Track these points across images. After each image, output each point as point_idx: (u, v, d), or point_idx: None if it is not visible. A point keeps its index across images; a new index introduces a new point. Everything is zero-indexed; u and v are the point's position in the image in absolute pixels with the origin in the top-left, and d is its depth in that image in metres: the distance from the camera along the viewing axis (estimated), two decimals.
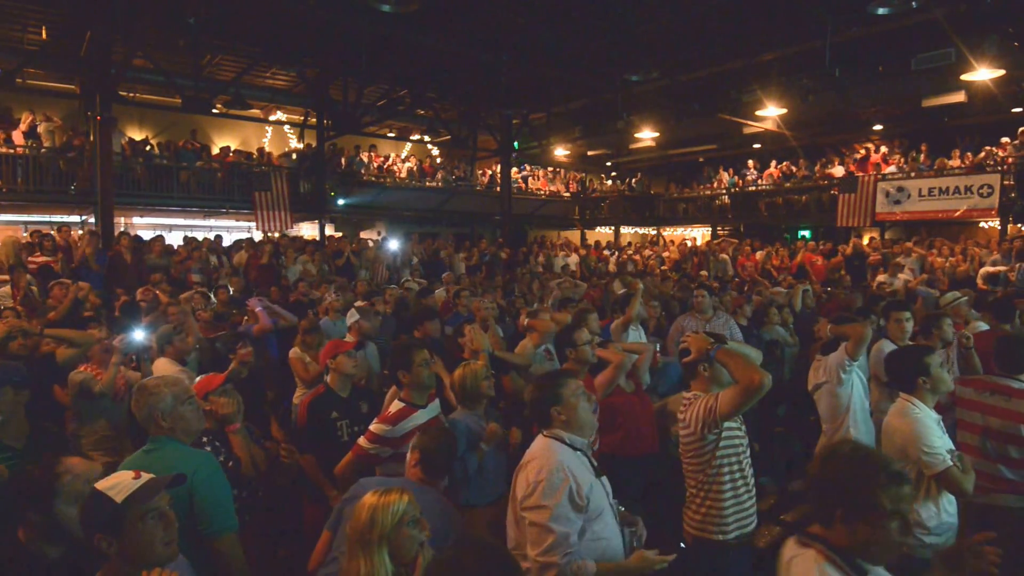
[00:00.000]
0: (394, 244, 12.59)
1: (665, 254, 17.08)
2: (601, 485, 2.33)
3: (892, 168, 15.35)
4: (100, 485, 1.81)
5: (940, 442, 2.78)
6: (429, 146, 19.84)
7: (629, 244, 20.20)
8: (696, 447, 2.79)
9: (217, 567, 2.34)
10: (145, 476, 1.85)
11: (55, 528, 2.00)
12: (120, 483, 1.80)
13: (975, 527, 3.17)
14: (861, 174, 15.36)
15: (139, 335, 4.43)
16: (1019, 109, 14.06)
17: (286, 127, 17.27)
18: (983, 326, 5.20)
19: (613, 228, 21.51)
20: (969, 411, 3.34)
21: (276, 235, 13.60)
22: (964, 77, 10.70)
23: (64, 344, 4.48)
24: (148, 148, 13.83)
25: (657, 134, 15.42)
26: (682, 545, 2.43)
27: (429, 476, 2.60)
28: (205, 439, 2.93)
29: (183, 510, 2.24)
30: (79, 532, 1.94)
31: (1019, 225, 13.75)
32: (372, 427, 3.12)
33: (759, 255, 15.01)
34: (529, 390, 2.48)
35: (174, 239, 12.23)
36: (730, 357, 2.75)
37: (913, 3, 8.30)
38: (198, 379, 3.24)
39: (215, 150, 15.50)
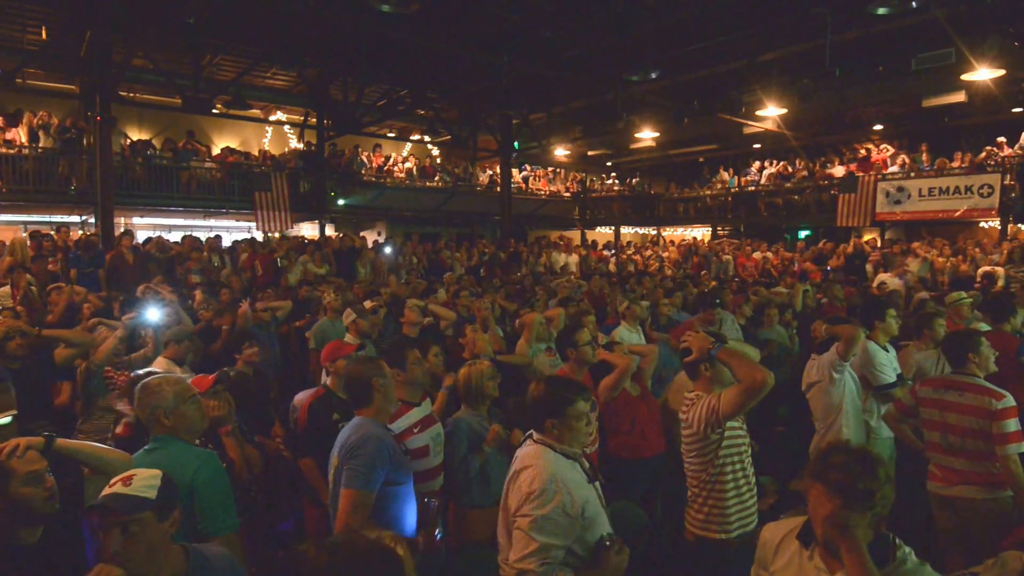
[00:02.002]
0: (388, 249, 12.58)
1: (665, 254, 17.09)
2: (595, 490, 2.31)
3: (895, 168, 15.35)
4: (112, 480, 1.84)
5: None
6: (429, 146, 19.84)
7: (629, 244, 20.21)
8: (699, 447, 2.79)
9: None
10: (119, 487, 1.81)
11: (19, 510, 1.95)
12: (109, 485, 1.83)
13: (941, 517, 3.35)
14: (861, 174, 15.37)
15: (152, 314, 4.41)
16: (1019, 109, 14.07)
17: (286, 127, 17.28)
18: (984, 327, 5.21)
19: (613, 228, 21.52)
20: (929, 409, 3.43)
21: (276, 235, 13.61)
22: (964, 77, 10.69)
23: (62, 344, 4.47)
24: (150, 151, 13.83)
25: (657, 134, 15.43)
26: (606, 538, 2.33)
27: None
28: (198, 441, 2.92)
29: (184, 508, 2.25)
30: (42, 511, 1.96)
31: (1019, 225, 13.76)
32: None
33: (757, 255, 15.04)
34: (535, 388, 2.40)
35: (173, 239, 12.22)
36: (732, 356, 2.74)
37: (913, 3, 8.31)
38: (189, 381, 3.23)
39: (215, 150, 15.50)
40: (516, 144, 16.81)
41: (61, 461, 2.26)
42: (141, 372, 3.46)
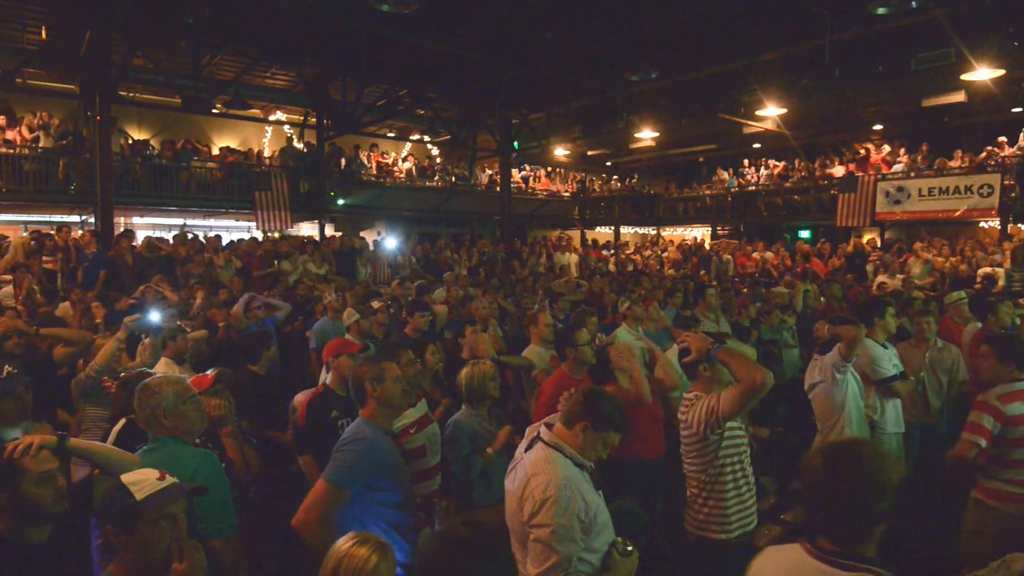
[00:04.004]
0: (391, 243, 12.59)
1: (665, 254, 17.10)
2: (599, 496, 2.31)
3: (898, 167, 15.32)
4: (125, 479, 1.81)
5: None
6: (429, 146, 19.85)
7: (626, 243, 20.21)
8: (698, 447, 2.79)
9: (215, 567, 2.34)
10: (170, 479, 1.85)
11: (29, 509, 1.94)
12: (145, 480, 1.81)
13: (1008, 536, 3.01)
14: (861, 174, 15.37)
15: (154, 317, 4.38)
16: (1019, 109, 14.06)
17: (286, 127, 17.28)
18: (980, 326, 5.27)
19: (613, 228, 21.52)
20: None
21: (276, 235, 13.61)
22: (964, 77, 10.70)
23: (61, 343, 4.47)
24: (149, 150, 13.82)
25: (657, 134, 15.43)
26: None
27: None
28: (198, 440, 2.92)
29: (184, 509, 2.26)
30: (51, 511, 1.95)
31: (1019, 225, 13.75)
32: None
33: (757, 255, 15.05)
34: (593, 392, 2.36)
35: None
36: (731, 357, 2.74)
37: (913, 3, 8.31)
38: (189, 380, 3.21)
39: (215, 150, 15.50)
40: (516, 144, 16.82)
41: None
42: (132, 374, 3.43)
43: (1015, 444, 3.08)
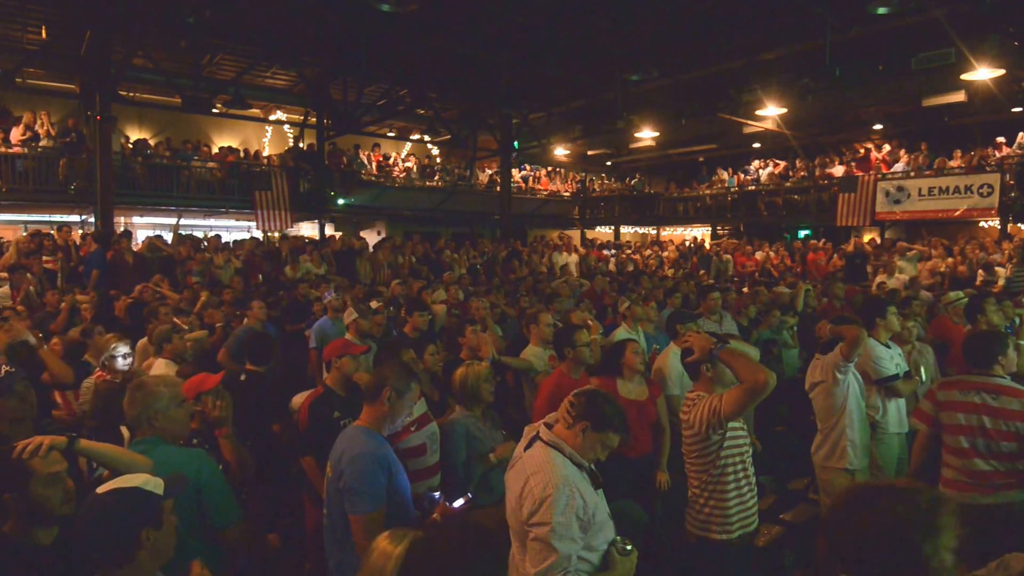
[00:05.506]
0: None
1: (664, 254, 17.10)
2: (599, 496, 2.30)
3: (898, 167, 15.32)
4: (133, 483, 1.77)
5: None
6: (429, 146, 19.85)
7: (628, 243, 20.20)
8: (700, 447, 2.79)
9: (229, 555, 2.45)
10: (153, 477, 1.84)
11: (37, 510, 1.93)
12: (148, 479, 1.79)
13: (984, 530, 3.00)
14: (861, 174, 15.37)
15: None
16: (1019, 109, 14.07)
17: (286, 127, 17.27)
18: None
19: (613, 228, 21.52)
20: (958, 413, 3.30)
21: (276, 235, 13.60)
22: (964, 77, 10.70)
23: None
24: (148, 151, 13.82)
25: (657, 134, 15.42)
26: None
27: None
28: (196, 440, 2.91)
29: (193, 507, 2.30)
30: (59, 513, 1.94)
31: (1019, 224, 13.76)
32: None
33: (759, 255, 15.04)
34: (589, 395, 2.33)
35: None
36: (734, 357, 2.73)
37: (913, 3, 8.31)
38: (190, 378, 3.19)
39: (215, 150, 15.51)
40: (516, 144, 16.81)
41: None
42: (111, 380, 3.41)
43: (947, 430, 3.35)
